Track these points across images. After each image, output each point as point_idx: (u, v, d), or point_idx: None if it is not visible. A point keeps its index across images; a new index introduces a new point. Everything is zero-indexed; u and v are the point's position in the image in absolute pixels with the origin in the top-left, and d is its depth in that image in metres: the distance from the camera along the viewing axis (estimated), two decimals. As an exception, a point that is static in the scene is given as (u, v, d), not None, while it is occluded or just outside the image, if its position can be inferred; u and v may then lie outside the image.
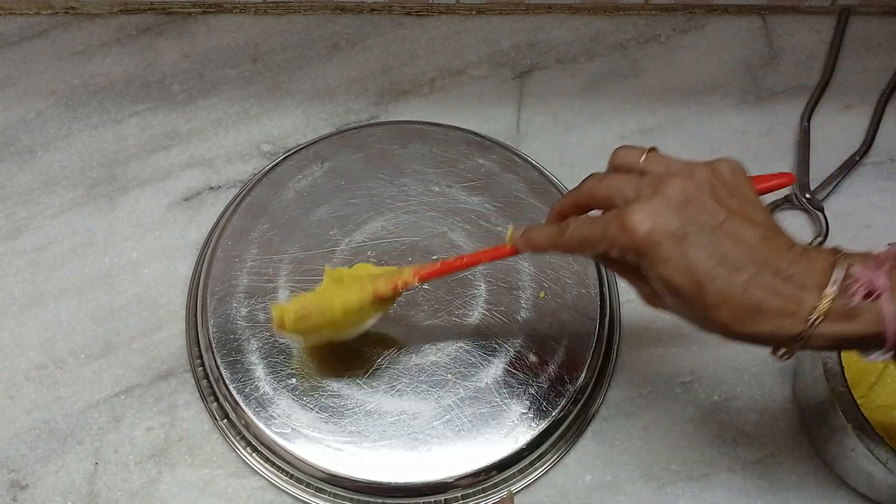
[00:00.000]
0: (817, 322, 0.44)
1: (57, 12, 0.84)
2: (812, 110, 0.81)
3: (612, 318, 0.70)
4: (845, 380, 0.60)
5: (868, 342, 0.45)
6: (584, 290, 0.69)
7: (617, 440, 0.67)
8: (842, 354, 0.61)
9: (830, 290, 0.44)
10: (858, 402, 0.59)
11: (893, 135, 0.81)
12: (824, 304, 0.43)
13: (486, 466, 0.63)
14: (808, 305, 0.44)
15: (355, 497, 0.63)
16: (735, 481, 0.66)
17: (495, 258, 0.58)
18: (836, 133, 0.80)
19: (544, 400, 0.65)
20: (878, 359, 0.45)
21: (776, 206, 0.76)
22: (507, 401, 0.65)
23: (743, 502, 0.65)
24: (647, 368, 0.70)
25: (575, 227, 0.50)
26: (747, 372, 0.70)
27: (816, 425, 0.65)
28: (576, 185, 0.76)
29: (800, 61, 0.84)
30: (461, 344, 0.67)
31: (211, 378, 0.67)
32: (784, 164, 0.79)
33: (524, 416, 0.64)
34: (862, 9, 0.86)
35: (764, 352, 0.69)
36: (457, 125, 0.78)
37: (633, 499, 0.65)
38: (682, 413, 0.68)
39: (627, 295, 0.73)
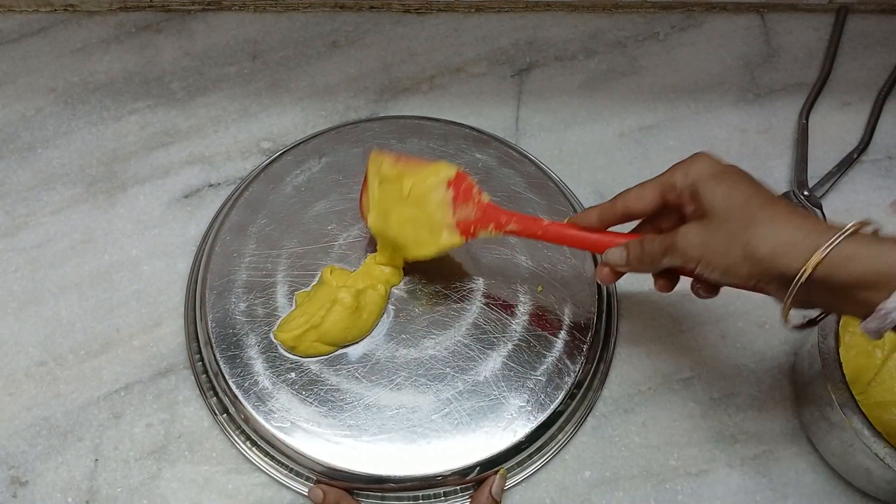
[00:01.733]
0: (836, 241, 0.47)
1: (56, 10, 0.85)
2: (810, 108, 0.81)
3: (609, 313, 0.70)
4: (843, 376, 0.60)
5: (868, 289, 0.47)
6: (581, 285, 0.69)
7: (616, 436, 0.67)
8: (840, 352, 0.61)
9: (850, 227, 0.48)
10: (857, 398, 0.59)
11: (891, 132, 0.81)
12: (848, 229, 0.48)
13: (485, 459, 0.63)
14: (829, 234, 0.48)
15: (355, 490, 0.63)
16: (734, 477, 0.66)
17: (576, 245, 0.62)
18: (835, 130, 0.81)
19: (542, 393, 0.65)
20: (874, 326, 0.48)
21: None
22: (505, 394, 0.65)
23: (741, 498, 0.65)
24: (645, 365, 0.70)
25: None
26: (745, 369, 0.70)
27: (815, 422, 0.65)
28: (575, 181, 0.76)
29: (798, 59, 0.85)
30: (460, 338, 0.67)
31: (210, 373, 0.67)
32: (782, 161, 0.79)
33: (522, 410, 0.64)
34: (860, 7, 0.87)
35: (763, 349, 0.69)
36: (455, 121, 0.78)
37: (631, 495, 0.65)
38: (680, 409, 0.68)
39: (626, 291, 0.73)
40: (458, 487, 0.64)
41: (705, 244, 0.52)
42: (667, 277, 0.59)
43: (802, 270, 0.48)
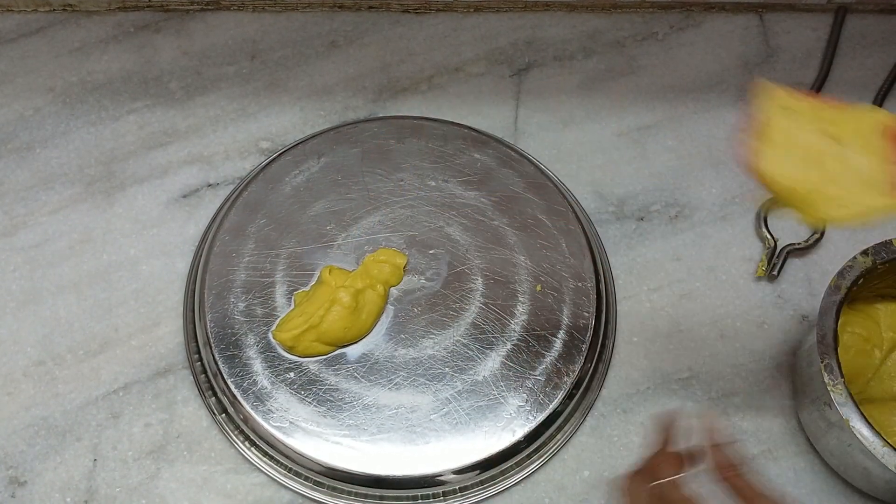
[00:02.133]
0: None
1: (55, 9, 0.85)
2: (809, 107, 0.81)
3: (608, 312, 0.70)
4: (842, 375, 0.60)
5: None
6: (580, 284, 0.69)
7: (614, 436, 0.67)
8: (839, 351, 0.61)
9: None
10: (855, 397, 0.59)
11: (890, 132, 0.81)
12: None
13: (484, 459, 0.63)
14: None
15: (354, 490, 0.63)
16: (732, 476, 0.66)
17: None
18: (833, 130, 0.81)
19: (541, 393, 0.65)
20: None
21: (771, 204, 0.76)
22: (504, 394, 0.65)
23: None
24: (644, 365, 0.70)
25: None
26: (744, 368, 0.70)
27: (813, 421, 0.65)
28: (574, 181, 0.77)
29: (797, 59, 0.85)
30: (458, 338, 0.67)
31: (209, 373, 0.67)
32: (781, 160, 0.79)
33: (521, 409, 0.64)
34: (858, 6, 0.87)
35: (761, 349, 0.69)
36: (454, 121, 0.78)
37: (630, 494, 0.65)
38: (679, 409, 0.68)
39: (625, 291, 0.73)
40: (458, 487, 0.64)
41: None
42: None
43: None
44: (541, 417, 0.64)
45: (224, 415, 0.66)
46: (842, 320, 0.63)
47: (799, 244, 0.74)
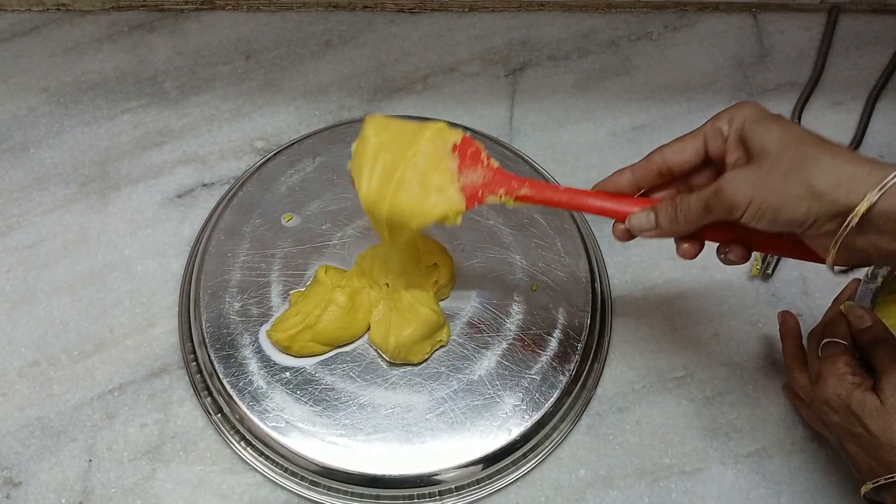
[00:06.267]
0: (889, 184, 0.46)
1: (48, 9, 0.84)
2: (803, 107, 0.82)
3: (603, 311, 0.71)
4: None
5: None
6: (575, 284, 0.69)
7: (610, 434, 0.67)
8: None
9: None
10: None
11: (883, 131, 0.81)
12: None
13: (480, 458, 0.63)
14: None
15: (350, 490, 0.64)
16: (727, 475, 0.66)
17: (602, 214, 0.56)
18: (827, 130, 0.80)
19: (537, 392, 0.65)
20: None
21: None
22: (500, 393, 0.65)
23: (735, 496, 0.65)
24: (639, 363, 0.70)
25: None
26: (739, 367, 0.70)
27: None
28: (568, 180, 0.77)
29: (790, 58, 0.85)
30: (454, 337, 0.67)
31: (204, 373, 0.67)
32: (775, 160, 0.79)
33: (517, 408, 0.64)
34: (851, 6, 0.87)
35: (756, 347, 0.69)
36: (449, 121, 0.78)
37: (625, 493, 0.65)
38: (674, 408, 0.68)
39: (620, 290, 0.73)
40: (454, 486, 0.64)
41: (757, 183, 0.49)
42: (694, 241, 0.55)
43: (868, 197, 0.46)
44: (536, 416, 0.64)
45: (220, 415, 0.66)
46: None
47: (793, 243, 0.74)
